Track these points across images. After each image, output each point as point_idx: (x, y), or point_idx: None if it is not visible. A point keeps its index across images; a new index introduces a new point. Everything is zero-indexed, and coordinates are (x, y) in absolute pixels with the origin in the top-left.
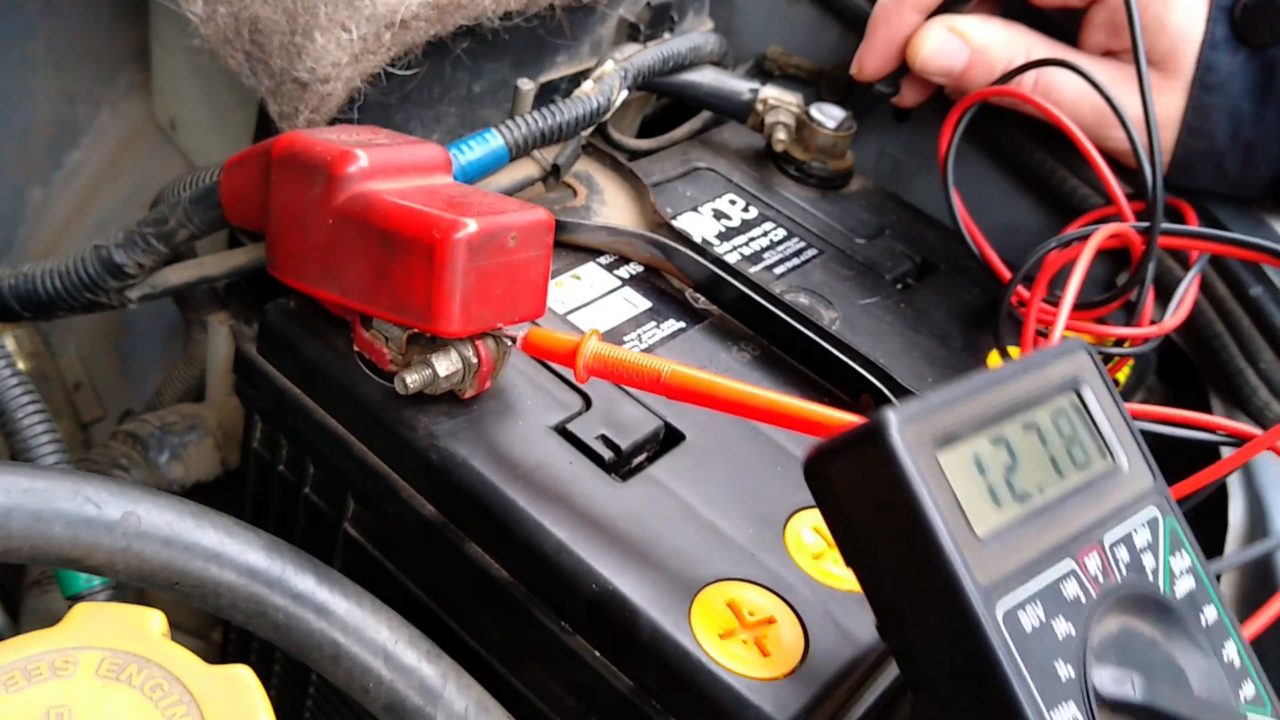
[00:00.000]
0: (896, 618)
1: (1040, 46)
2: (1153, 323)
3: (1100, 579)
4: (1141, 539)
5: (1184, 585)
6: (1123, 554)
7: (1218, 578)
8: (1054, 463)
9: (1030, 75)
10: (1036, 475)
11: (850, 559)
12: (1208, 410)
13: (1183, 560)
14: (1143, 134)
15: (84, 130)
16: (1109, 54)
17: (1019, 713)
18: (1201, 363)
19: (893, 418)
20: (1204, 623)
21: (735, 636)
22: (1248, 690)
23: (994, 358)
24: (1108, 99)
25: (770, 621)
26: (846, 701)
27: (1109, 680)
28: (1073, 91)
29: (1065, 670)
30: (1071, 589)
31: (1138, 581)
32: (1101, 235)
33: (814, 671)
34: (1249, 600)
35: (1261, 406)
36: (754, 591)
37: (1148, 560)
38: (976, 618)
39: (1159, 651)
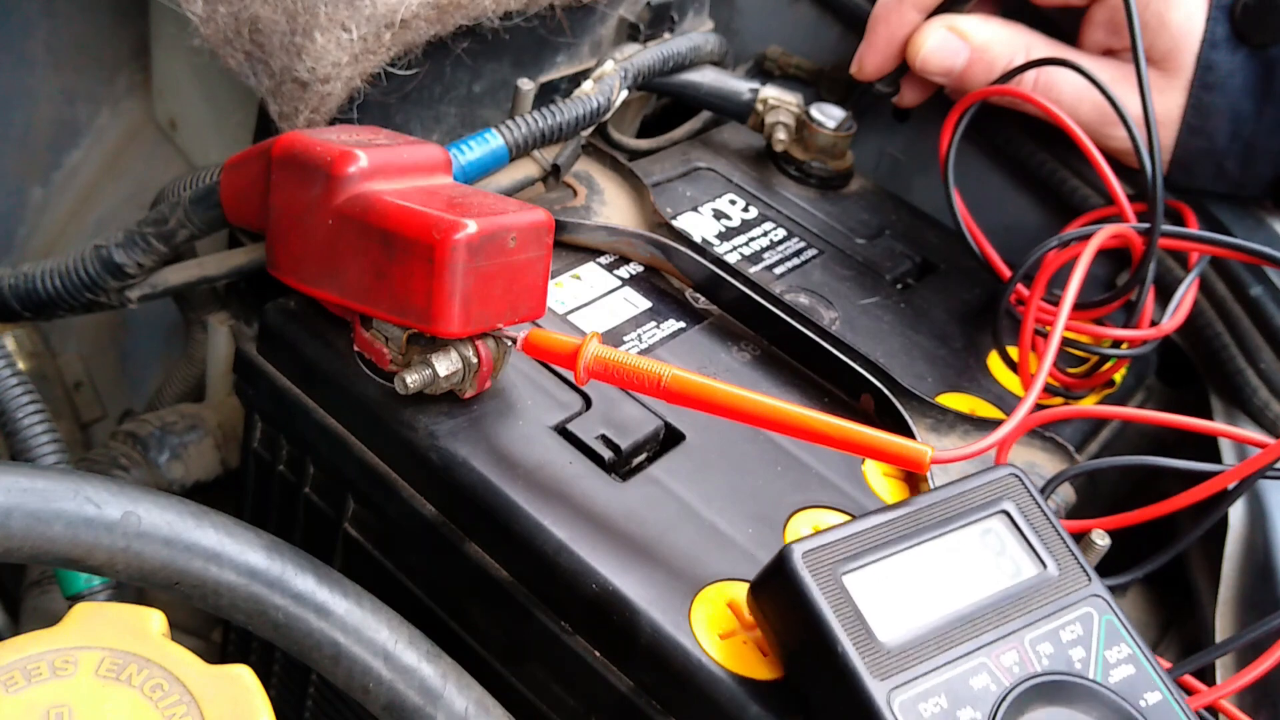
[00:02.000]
0: (818, 709)
1: (1040, 45)
2: (1152, 324)
3: (1015, 670)
4: (1070, 634)
5: (1120, 673)
6: (1045, 648)
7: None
8: (977, 573)
9: (1030, 74)
10: (955, 585)
11: (785, 665)
12: (1208, 411)
13: (1120, 651)
14: (1143, 133)
15: (84, 130)
16: (1109, 53)
17: None
18: (1201, 363)
19: (795, 550)
20: (1144, 705)
21: (735, 637)
22: None
23: (995, 357)
24: (1109, 97)
25: None
26: None
27: None
28: (1073, 90)
29: None
30: (980, 681)
31: (1062, 671)
32: (1102, 235)
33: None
34: (1249, 601)
35: (1261, 406)
36: None
37: (1077, 652)
38: (872, 708)
39: None
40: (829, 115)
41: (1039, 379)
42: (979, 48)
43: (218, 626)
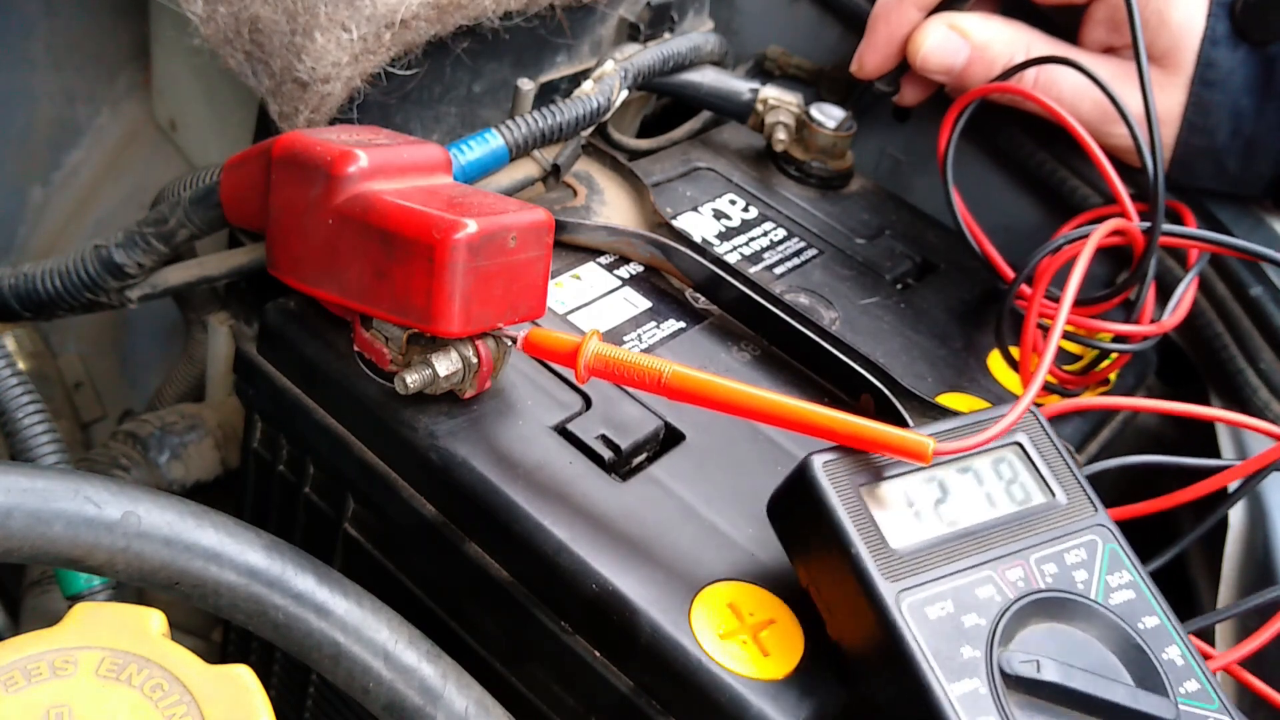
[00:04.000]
0: (832, 612)
1: (1040, 43)
2: (1152, 322)
3: (1020, 584)
4: (1074, 558)
5: (1121, 596)
6: (1050, 568)
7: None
8: (988, 497)
9: (1031, 72)
10: (966, 506)
11: (803, 576)
12: None
13: (1122, 577)
14: (1144, 130)
15: (84, 130)
16: (1109, 50)
17: (919, 681)
18: (1201, 362)
19: (815, 460)
20: (1141, 627)
21: (735, 637)
22: (1190, 686)
23: (995, 357)
24: (1109, 95)
25: (770, 622)
26: (846, 701)
27: (1015, 661)
28: (1073, 88)
29: (970, 652)
30: (986, 591)
31: (1064, 590)
32: (1103, 231)
33: (813, 672)
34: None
35: (1262, 406)
36: (754, 592)
37: (1079, 575)
38: (881, 606)
39: (1079, 645)
40: (829, 115)
41: (1041, 371)
42: (979, 46)
43: (218, 626)
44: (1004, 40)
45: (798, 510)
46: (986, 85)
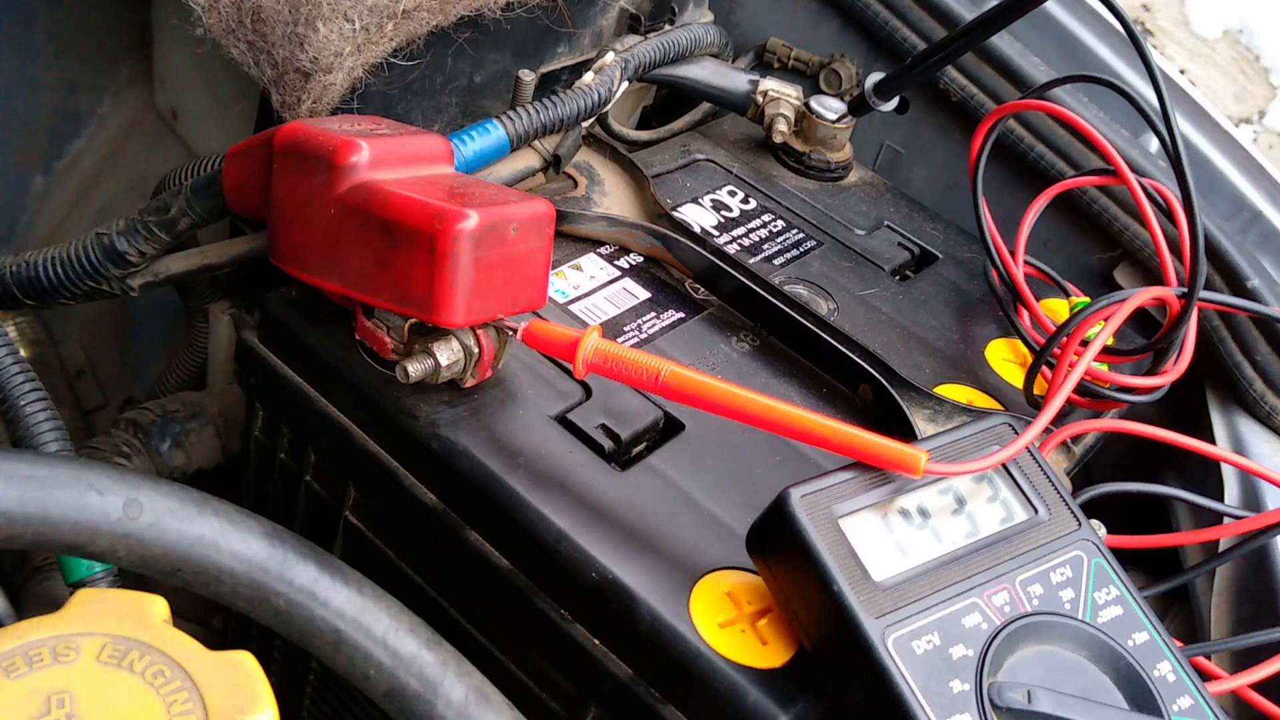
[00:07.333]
0: (816, 645)
1: None
2: (1160, 374)
3: (1007, 609)
4: (1060, 576)
5: (1109, 613)
6: (1036, 589)
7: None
8: (970, 518)
9: None
10: (948, 530)
11: (786, 610)
12: (1203, 402)
13: (1109, 592)
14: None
15: (86, 119)
16: None
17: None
18: (1197, 355)
19: (793, 494)
20: (1131, 644)
21: (734, 625)
22: (1184, 702)
23: (992, 348)
24: (1148, 119)
25: (768, 610)
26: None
27: (1006, 693)
28: None
29: (960, 685)
30: (972, 620)
31: (1052, 611)
32: (1141, 299)
33: (810, 660)
34: (1244, 591)
35: (1257, 398)
36: (752, 580)
37: (1066, 594)
38: (867, 644)
39: (1070, 668)
40: (829, 107)
41: (1047, 411)
42: None
43: (218, 613)
44: None
45: (776, 546)
46: (1016, 102)
